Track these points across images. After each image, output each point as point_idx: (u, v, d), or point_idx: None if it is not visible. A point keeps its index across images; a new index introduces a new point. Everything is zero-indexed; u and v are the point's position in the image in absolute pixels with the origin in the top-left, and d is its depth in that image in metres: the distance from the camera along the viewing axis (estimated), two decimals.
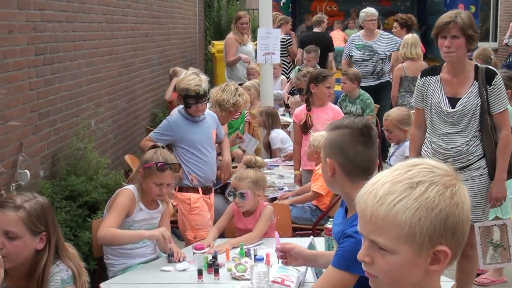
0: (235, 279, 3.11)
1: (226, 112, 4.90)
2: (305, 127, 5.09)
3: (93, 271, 3.73)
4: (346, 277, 2.20)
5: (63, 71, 4.86)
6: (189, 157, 4.22)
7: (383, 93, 7.73)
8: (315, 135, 4.63)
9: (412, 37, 7.28)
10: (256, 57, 7.54)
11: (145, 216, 3.52)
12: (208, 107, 4.54)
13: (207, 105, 4.48)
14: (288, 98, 8.33)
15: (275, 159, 6.04)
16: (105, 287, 3.11)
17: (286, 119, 7.45)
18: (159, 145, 3.71)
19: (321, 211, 4.58)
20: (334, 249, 2.47)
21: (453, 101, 3.81)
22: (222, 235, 3.80)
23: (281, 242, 2.70)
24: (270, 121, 6.26)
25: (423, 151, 4.00)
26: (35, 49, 4.33)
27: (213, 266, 3.16)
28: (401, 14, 9.65)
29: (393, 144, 5.09)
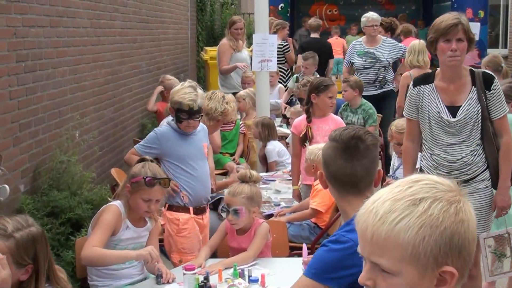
0: None
1: (214, 121, 4.90)
2: (305, 139, 5.09)
3: None
4: (313, 285, 2.23)
5: (46, 79, 4.86)
6: (179, 173, 4.17)
7: (386, 102, 7.75)
8: (310, 148, 4.63)
9: (419, 43, 7.27)
10: (251, 65, 7.55)
11: (132, 234, 3.51)
12: None
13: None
14: (285, 108, 8.36)
15: (271, 173, 6.05)
16: None
17: (283, 130, 7.46)
18: (147, 158, 3.70)
19: (320, 228, 4.57)
20: None
21: (452, 110, 3.82)
22: (214, 255, 3.79)
23: (308, 256, 2.71)
24: (266, 132, 6.27)
25: (422, 165, 4.01)
26: (16, 56, 4.34)
27: (205, 287, 3.15)
28: (385, 18, 9.69)
29: (398, 156, 5.09)
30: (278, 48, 7.67)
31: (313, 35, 10.19)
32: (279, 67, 8.94)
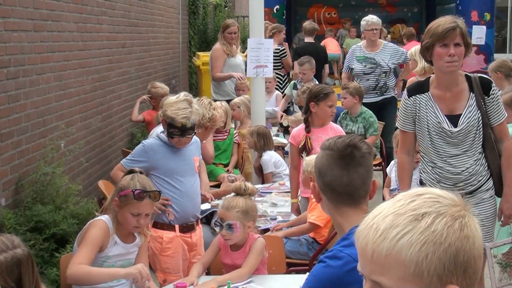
0: None
1: (202, 128, 4.90)
2: (304, 150, 5.08)
3: None
4: None
5: (29, 86, 4.86)
6: (165, 188, 4.12)
7: (388, 110, 7.76)
8: (307, 159, 4.62)
9: None
10: (246, 71, 7.55)
11: (120, 250, 3.50)
12: None
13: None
14: (281, 116, 8.36)
15: (267, 185, 6.04)
16: None
17: (279, 140, 7.46)
18: (136, 170, 3.70)
19: (319, 244, 4.57)
20: None
21: (452, 119, 3.81)
22: (207, 272, 3.78)
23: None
24: (262, 142, 6.27)
25: (424, 178, 4.00)
26: None
27: None
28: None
29: None
30: (274, 53, 7.68)
31: (307, 40, 10.16)
32: (276, 73, 8.96)
